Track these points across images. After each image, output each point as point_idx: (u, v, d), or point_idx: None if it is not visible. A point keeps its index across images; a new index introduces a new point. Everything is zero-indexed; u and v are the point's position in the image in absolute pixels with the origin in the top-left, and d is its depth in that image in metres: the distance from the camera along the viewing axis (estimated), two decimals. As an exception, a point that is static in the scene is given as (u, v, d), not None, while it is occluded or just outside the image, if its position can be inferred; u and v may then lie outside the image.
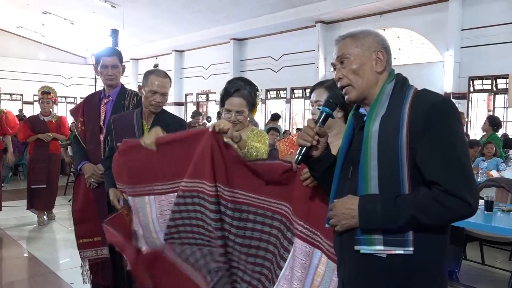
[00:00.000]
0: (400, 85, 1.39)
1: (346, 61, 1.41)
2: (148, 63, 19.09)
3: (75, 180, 2.85)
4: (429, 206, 1.23)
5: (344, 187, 1.42)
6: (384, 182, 1.29)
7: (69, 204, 6.60)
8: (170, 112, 2.69)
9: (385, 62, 1.40)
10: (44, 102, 5.57)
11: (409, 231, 1.28)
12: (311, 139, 1.41)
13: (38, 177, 5.53)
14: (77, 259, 2.91)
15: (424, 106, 1.28)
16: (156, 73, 2.46)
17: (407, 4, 10.24)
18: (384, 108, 1.35)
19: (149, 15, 14.10)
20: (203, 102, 17.28)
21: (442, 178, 1.23)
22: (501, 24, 8.99)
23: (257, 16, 12.83)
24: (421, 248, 1.29)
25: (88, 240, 2.73)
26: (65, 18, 15.65)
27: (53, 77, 18.63)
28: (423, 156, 1.26)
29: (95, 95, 2.94)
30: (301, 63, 12.99)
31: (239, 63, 15.05)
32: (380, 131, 1.31)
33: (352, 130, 1.47)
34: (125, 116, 2.56)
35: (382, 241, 1.30)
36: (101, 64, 2.76)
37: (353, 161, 1.40)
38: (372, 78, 1.40)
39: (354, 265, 1.38)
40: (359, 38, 1.42)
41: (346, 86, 1.42)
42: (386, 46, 1.44)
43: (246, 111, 2.20)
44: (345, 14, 11.46)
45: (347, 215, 1.33)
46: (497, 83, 9.43)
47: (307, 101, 13.47)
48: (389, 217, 1.26)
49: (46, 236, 5.10)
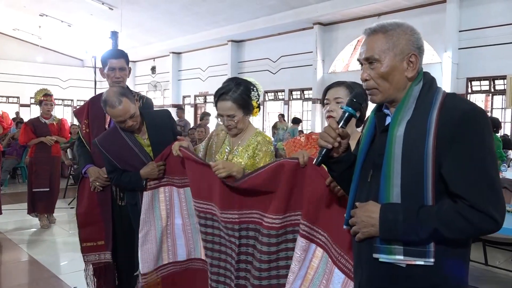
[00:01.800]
0: (428, 87, 1.31)
1: (375, 64, 1.31)
2: (145, 65, 19.07)
3: (79, 183, 2.82)
4: (453, 221, 1.18)
5: (363, 189, 1.37)
6: (407, 191, 1.23)
7: (69, 207, 6.58)
8: (153, 110, 2.73)
9: (417, 66, 1.31)
10: (48, 104, 5.54)
11: (431, 242, 1.22)
12: (333, 140, 1.34)
13: (41, 180, 5.50)
14: (79, 262, 2.88)
15: (454, 113, 1.21)
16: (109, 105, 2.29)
17: (405, 5, 10.28)
18: (410, 112, 1.27)
19: (147, 17, 14.08)
20: (200, 104, 17.26)
21: (469, 192, 1.17)
22: (499, 26, 9.04)
23: (255, 18, 12.84)
24: (442, 260, 1.24)
25: (92, 244, 2.70)
26: (62, 21, 15.61)
27: (50, 80, 18.57)
28: (450, 167, 1.20)
29: (100, 97, 2.86)
30: (299, 64, 13.01)
31: (237, 65, 15.05)
32: (405, 136, 1.24)
33: (373, 130, 1.40)
34: (111, 134, 2.46)
35: (402, 251, 1.24)
36: (108, 67, 2.70)
37: (373, 164, 1.34)
38: (402, 83, 1.32)
39: (372, 271, 1.34)
40: (392, 36, 1.30)
41: (371, 88, 1.34)
42: (419, 46, 1.32)
43: (238, 114, 2.07)
44: (343, 15, 11.49)
45: (367, 223, 1.28)
46: (495, 84, 9.48)
47: (305, 103, 13.49)
48: (411, 229, 1.21)
49: (47, 239, 5.07)
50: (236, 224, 1.95)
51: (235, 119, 2.08)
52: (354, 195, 1.40)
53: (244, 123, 2.15)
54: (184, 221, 2.36)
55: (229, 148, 2.20)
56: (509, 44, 8.95)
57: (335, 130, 1.35)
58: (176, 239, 2.39)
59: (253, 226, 1.94)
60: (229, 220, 1.97)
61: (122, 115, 2.28)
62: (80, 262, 2.84)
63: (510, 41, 8.93)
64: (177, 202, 2.37)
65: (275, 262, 1.90)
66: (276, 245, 1.88)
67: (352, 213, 1.35)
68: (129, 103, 2.30)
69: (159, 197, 2.37)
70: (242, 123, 2.13)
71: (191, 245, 2.38)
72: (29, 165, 5.75)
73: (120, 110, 2.27)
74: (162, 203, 2.37)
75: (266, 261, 1.89)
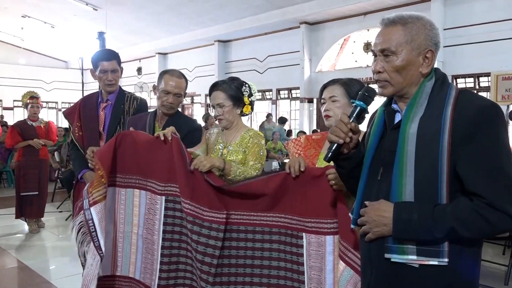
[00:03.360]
0: (440, 83, 1.28)
1: (391, 56, 1.27)
2: (131, 66, 18.89)
3: (74, 187, 2.76)
4: (471, 219, 1.15)
5: (372, 188, 1.33)
6: (421, 189, 1.20)
7: (57, 211, 6.48)
8: (185, 115, 2.65)
9: (432, 62, 1.28)
10: (34, 107, 5.43)
11: (445, 241, 1.19)
12: (344, 135, 1.30)
13: (30, 184, 5.39)
14: (70, 267, 2.84)
15: (469, 110, 1.18)
16: (171, 73, 2.42)
17: (390, 4, 10.37)
18: (423, 109, 1.24)
19: (133, 17, 13.95)
20: (188, 104, 17.17)
21: (486, 190, 1.14)
22: (482, 24, 9.19)
23: (241, 18, 12.82)
24: (456, 260, 1.20)
25: None
26: (45, 22, 15.37)
27: (33, 82, 18.27)
28: (466, 165, 1.17)
29: (91, 98, 2.81)
30: (286, 64, 13.03)
31: (224, 65, 15.00)
32: (418, 133, 1.21)
33: (382, 127, 1.36)
34: (140, 117, 2.52)
35: (415, 251, 1.21)
36: (99, 69, 2.64)
37: (383, 162, 1.30)
38: (415, 78, 1.28)
39: (383, 272, 1.30)
40: (411, 29, 1.26)
41: (383, 81, 1.30)
42: (437, 42, 1.28)
43: (226, 104, 2.17)
44: (329, 15, 11.54)
45: (379, 222, 1.24)
46: (480, 81, 9.63)
47: (293, 102, 13.52)
48: (426, 228, 1.17)
49: (36, 244, 4.98)
50: (222, 224, 1.91)
51: (224, 109, 2.16)
52: (362, 193, 1.36)
53: (233, 115, 2.20)
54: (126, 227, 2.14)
55: (222, 145, 2.24)
56: (492, 42, 9.11)
57: (347, 124, 1.30)
58: (138, 253, 2.16)
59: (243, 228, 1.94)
60: (215, 220, 1.91)
61: (174, 86, 2.36)
62: (71, 267, 2.79)
63: (493, 39, 9.09)
64: (143, 211, 2.15)
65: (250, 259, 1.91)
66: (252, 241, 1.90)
67: (362, 212, 1.31)
68: (184, 85, 2.44)
69: (134, 200, 2.17)
70: (231, 115, 2.19)
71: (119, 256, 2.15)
72: (16, 168, 5.63)
73: (176, 81, 2.38)
74: (135, 208, 2.17)
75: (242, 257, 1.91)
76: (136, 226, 2.12)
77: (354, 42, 11.87)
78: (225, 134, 2.27)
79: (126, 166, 2.13)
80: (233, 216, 1.92)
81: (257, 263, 1.90)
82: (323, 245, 1.77)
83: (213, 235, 1.88)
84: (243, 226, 1.92)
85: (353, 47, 11.90)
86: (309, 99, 12.51)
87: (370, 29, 11.26)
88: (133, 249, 2.14)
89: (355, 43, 11.84)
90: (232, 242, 1.93)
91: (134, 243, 2.13)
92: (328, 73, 12.03)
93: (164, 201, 2.05)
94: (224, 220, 1.89)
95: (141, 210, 2.11)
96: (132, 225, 2.13)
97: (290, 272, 1.87)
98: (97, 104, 2.74)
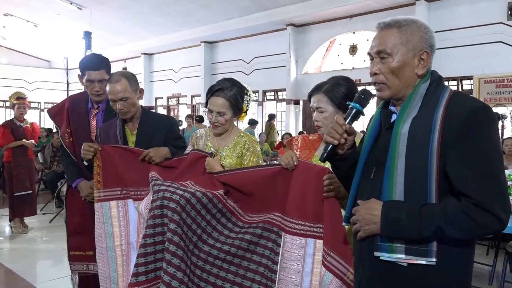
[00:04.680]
0: (435, 85, 1.29)
1: (387, 58, 1.29)
2: (116, 67, 18.70)
3: (67, 190, 2.68)
4: (458, 219, 1.15)
5: (365, 187, 1.35)
6: (411, 189, 1.21)
7: (41, 213, 6.37)
8: (158, 113, 2.61)
9: (427, 64, 1.29)
10: (21, 108, 5.51)
11: (433, 241, 1.20)
12: (339, 137, 1.32)
13: (23, 184, 5.51)
14: (56, 270, 2.80)
15: (460, 111, 1.19)
16: (109, 81, 2.29)
17: (375, 7, 10.48)
18: (416, 110, 1.26)
19: (118, 17, 13.80)
20: (173, 105, 17.06)
21: (474, 191, 1.15)
22: (465, 28, 9.36)
23: (228, 19, 12.81)
24: (444, 260, 1.21)
25: (81, 253, 2.55)
26: (28, 21, 15.10)
27: (15, 82, 17.90)
28: (456, 165, 1.18)
29: (80, 101, 2.66)
30: (273, 65, 13.05)
31: (210, 66, 14.96)
32: (410, 133, 1.23)
33: (378, 128, 1.38)
34: (110, 124, 2.44)
35: (404, 250, 1.22)
36: (86, 78, 2.51)
37: (377, 161, 1.32)
38: (411, 80, 1.30)
39: (373, 269, 1.32)
40: (405, 32, 1.29)
41: (380, 83, 1.32)
42: (432, 44, 1.31)
43: (228, 113, 2.07)
44: (315, 17, 11.61)
45: (369, 220, 1.26)
46: (463, 84, 9.81)
47: (279, 104, 13.56)
48: (414, 227, 1.18)
49: (20, 247, 4.89)
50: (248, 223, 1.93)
51: (225, 117, 2.08)
52: (355, 192, 1.38)
53: (230, 124, 2.15)
54: (140, 239, 2.11)
55: (214, 150, 2.17)
56: (475, 46, 9.28)
57: (342, 126, 1.32)
58: (131, 262, 2.15)
59: None
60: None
61: (114, 93, 2.22)
62: (55, 270, 2.75)
63: (475, 43, 9.26)
64: (134, 218, 2.17)
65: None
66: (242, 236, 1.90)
67: (353, 211, 1.33)
68: (127, 86, 2.24)
69: (111, 212, 2.19)
70: (229, 124, 2.13)
71: None
72: (7, 170, 5.60)
73: (113, 88, 2.22)
74: (114, 219, 2.18)
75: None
76: (118, 237, 2.11)
77: (340, 44, 11.96)
78: (215, 138, 2.19)
79: (109, 180, 2.21)
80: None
81: (240, 254, 1.88)
82: (303, 247, 1.77)
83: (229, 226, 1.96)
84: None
85: (339, 49, 11.99)
86: (296, 101, 12.56)
87: (355, 32, 11.37)
88: (119, 261, 2.13)
89: (341, 46, 11.93)
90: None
91: (120, 254, 2.13)
92: (314, 75, 12.10)
93: None
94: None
95: (129, 218, 2.13)
96: (114, 238, 2.12)
97: (267, 269, 1.85)
98: (87, 109, 2.62)
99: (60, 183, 6.98)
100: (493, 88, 9.11)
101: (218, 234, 1.89)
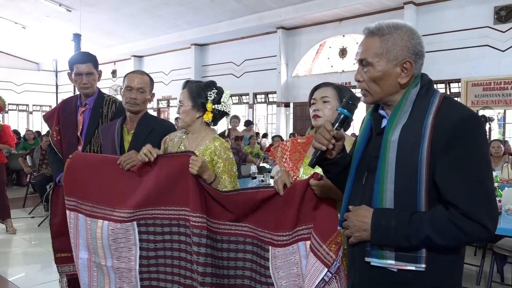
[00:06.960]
0: (425, 90, 1.28)
1: (368, 67, 1.30)
2: (106, 69, 18.59)
3: (53, 191, 2.70)
4: (445, 228, 1.16)
5: (357, 192, 1.36)
6: (400, 197, 1.22)
7: (29, 217, 6.30)
8: (158, 117, 2.60)
9: (411, 72, 1.28)
10: None
11: (422, 248, 1.21)
12: (327, 142, 1.32)
13: None
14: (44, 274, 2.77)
15: (450, 120, 1.18)
16: (133, 71, 2.45)
17: (364, 11, 10.60)
18: (406, 116, 1.26)
19: (107, 19, 13.75)
20: (164, 108, 17.02)
21: (462, 200, 1.15)
22: (452, 31, 9.50)
23: (218, 22, 12.84)
24: (434, 266, 1.22)
25: (66, 255, 2.54)
26: (16, 22, 14.98)
27: (3, 84, 17.76)
28: (444, 174, 1.18)
29: (71, 101, 2.76)
30: (263, 68, 13.11)
31: (200, 68, 14.97)
32: (399, 141, 1.23)
33: (369, 132, 1.39)
34: (111, 125, 2.47)
35: (394, 256, 1.24)
36: (74, 72, 2.60)
37: (368, 167, 1.33)
38: (393, 89, 1.30)
39: (364, 274, 1.33)
40: (387, 42, 1.28)
41: (363, 90, 1.34)
42: (417, 51, 1.29)
43: (186, 103, 2.06)
44: (305, 20, 11.69)
45: (359, 227, 1.27)
46: (450, 87, 9.94)
47: (269, 106, 13.60)
48: (403, 236, 1.20)
49: (7, 251, 4.83)
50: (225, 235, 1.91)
51: (182, 108, 2.08)
52: (348, 197, 1.39)
53: (190, 117, 2.07)
54: (90, 256, 2.09)
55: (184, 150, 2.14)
56: (462, 49, 9.43)
57: (330, 132, 1.32)
58: (80, 276, 2.14)
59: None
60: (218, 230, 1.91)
61: (135, 81, 2.35)
62: (43, 274, 2.72)
63: (462, 46, 9.41)
64: (83, 232, 2.10)
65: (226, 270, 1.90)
66: (227, 251, 1.90)
67: (345, 217, 1.34)
68: (147, 82, 2.42)
69: (70, 220, 2.15)
70: (188, 116, 2.07)
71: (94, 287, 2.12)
72: None
73: (137, 76, 2.38)
74: (71, 229, 2.15)
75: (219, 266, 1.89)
76: (103, 258, 2.06)
77: (330, 47, 12.05)
78: (188, 139, 2.15)
79: (86, 192, 2.09)
80: (212, 225, 1.90)
81: (232, 273, 1.89)
82: (297, 251, 1.78)
83: (208, 243, 1.87)
84: (219, 235, 1.90)
85: (329, 52, 12.07)
86: (286, 103, 12.60)
87: (345, 35, 11.47)
88: (106, 280, 2.10)
89: (330, 49, 12.02)
90: (213, 251, 1.91)
91: (106, 273, 2.09)
92: (305, 77, 12.17)
93: (136, 226, 1.98)
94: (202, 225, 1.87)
95: (104, 242, 2.02)
96: (99, 257, 2.07)
97: (259, 284, 1.86)
98: (76, 108, 2.70)
99: (49, 186, 6.90)
100: (480, 91, 9.25)
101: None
